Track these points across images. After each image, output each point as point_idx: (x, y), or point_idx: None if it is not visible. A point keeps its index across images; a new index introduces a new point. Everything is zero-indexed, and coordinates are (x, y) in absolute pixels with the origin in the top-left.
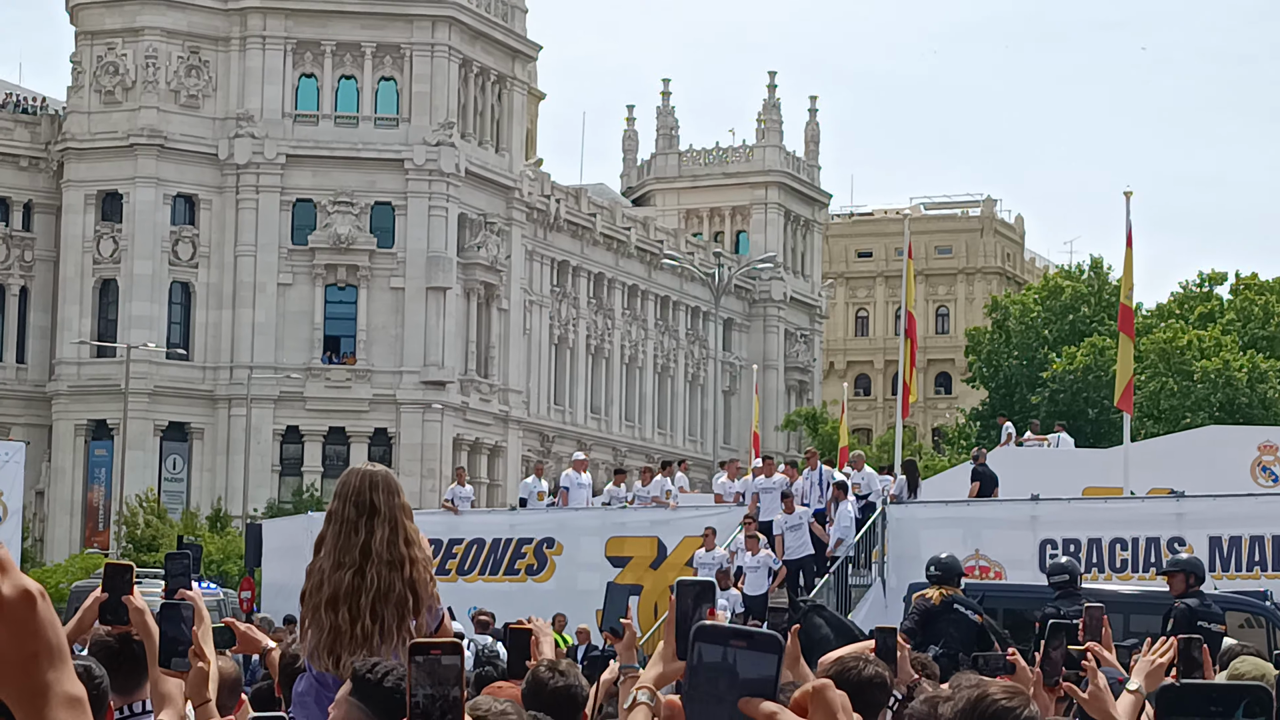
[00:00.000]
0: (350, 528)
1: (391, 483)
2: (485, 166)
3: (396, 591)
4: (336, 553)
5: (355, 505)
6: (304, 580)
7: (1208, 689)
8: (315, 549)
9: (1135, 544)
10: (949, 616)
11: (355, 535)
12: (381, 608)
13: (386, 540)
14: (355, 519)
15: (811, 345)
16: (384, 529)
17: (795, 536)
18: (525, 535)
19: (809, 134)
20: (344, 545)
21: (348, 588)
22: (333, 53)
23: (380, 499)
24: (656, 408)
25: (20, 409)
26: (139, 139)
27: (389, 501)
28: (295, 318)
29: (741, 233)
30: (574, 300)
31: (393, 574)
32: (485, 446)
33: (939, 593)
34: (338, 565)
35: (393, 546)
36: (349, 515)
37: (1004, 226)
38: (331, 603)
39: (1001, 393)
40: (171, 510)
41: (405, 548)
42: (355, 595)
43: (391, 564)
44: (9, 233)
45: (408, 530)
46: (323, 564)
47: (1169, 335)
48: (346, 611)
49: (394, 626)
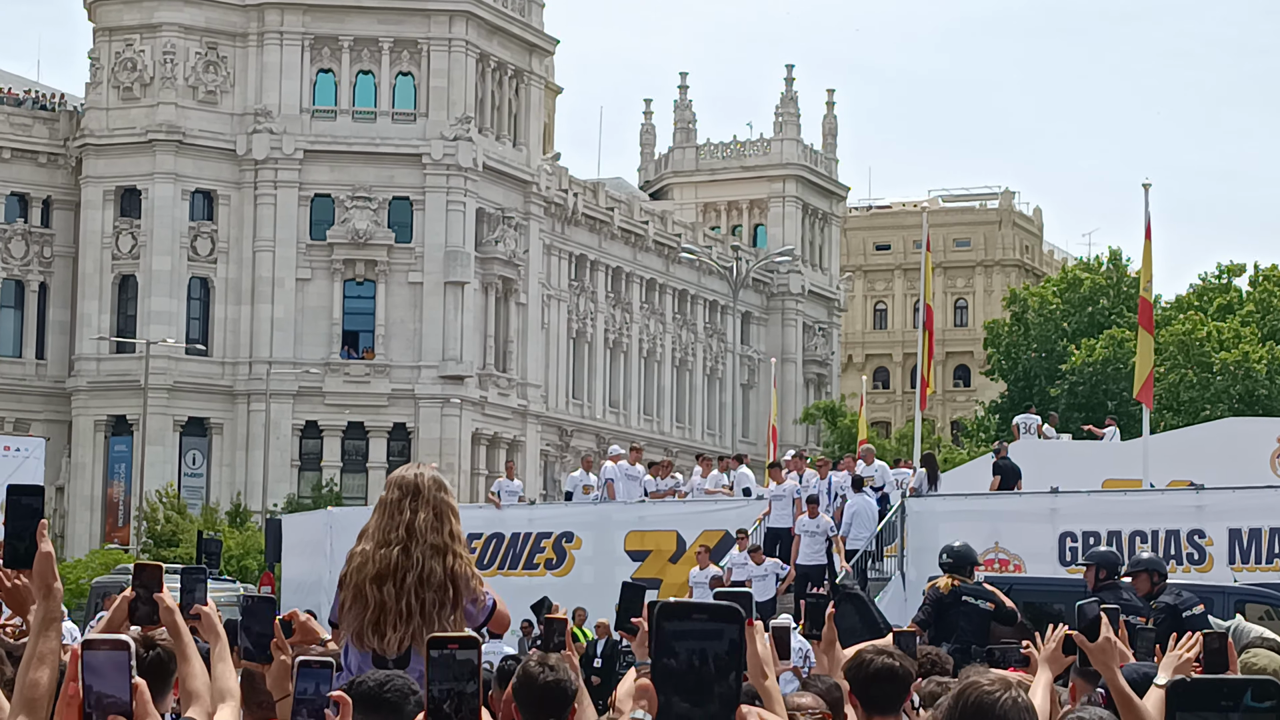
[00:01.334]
0: (394, 508)
1: (440, 480)
2: (503, 161)
3: (438, 577)
4: (381, 531)
5: (399, 488)
6: (344, 564)
7: (1219, 684)
8: (358, 537)
9: (1155, 536)
10: (959, 608)
11: (399, 514)
12: (424, 590)
13: (430, 524)
14: (399, 499)
15: (830, 338)
16: (426, 511)
17: (813, 543)
18: (544, 529)
19: (826, 127)
20: (388, 525)
21: (394, 564)
22: (350, 48)
23: (425, 485)
24: (675, 402)
25: (40, 405)
26: (157, 135)
27: (434, 492)
28: (314, 313)
29: (759, 226)
30: (592, 294)
31: (435, 559)
32: (504, 441)
33: (949, 581)
34: (383, 543)
35: (437, 532)
36: (393, 497)
37: (1022, 219)
38: (378, 579)
39: (1020, 385)
40: (191, 505)
41: (450, 540)
42: (400, 572)
43: (435, 549)
44: (28, 229)
45: (453, 525)
46: (365, 545)
47: (1188, 327)
48: (392, 587)
49: (434, 612)
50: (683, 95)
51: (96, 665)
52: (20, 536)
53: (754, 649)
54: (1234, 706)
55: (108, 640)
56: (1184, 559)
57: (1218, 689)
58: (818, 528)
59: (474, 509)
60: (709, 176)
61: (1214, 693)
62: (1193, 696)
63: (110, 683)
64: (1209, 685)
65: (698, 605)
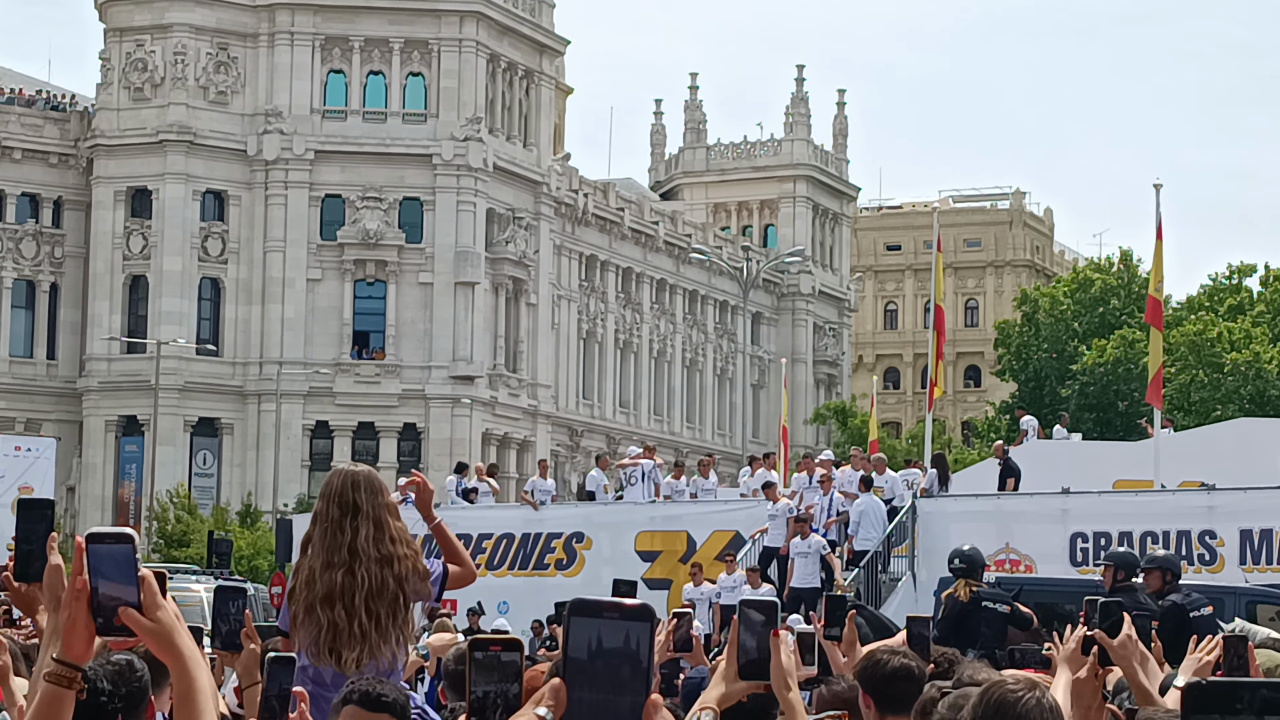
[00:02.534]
0: (335, 527)
1: (374, 482)
2: (513, 161)
3: (390, 589)
4: (325, 552)
5: (338, 505)
6: (292, 576)
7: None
8: (302, 548)
9: (1166, 537)
10: (979, 614)
11: (341, 534)
12: (376, 605)
13: (372, 538)
14: (339, 518)
15: (840, 339)
16: (367, 526)
17: (805, 564)
18: (554, 530)
19: (837, 127)
20: (331, 544)
21: (340, 587)
22: (361, 48)
23: (363, 498)
24: (685, 402)
25: (51, 405)
26: (168, 135)
27: (371, 500)
28: (324, 313)
29: (770, 226)
30: (602, 295)
31: (384, 571)
32: (514, 441)
33: (967, 589)
34: (327, 565)
35: (379, 544)
36: (333, 515)
37: (1033, 219)
38: (327, 600)
39: (1031, 386)
40: (202, 506)
41: (392, 545)
42: (349, 593)
43: (381, 561)
44: (39, 229)
45: (393, 528)
46: (311, 563)
47: (1199, 328)
48: (342, 609)
49: (389, 625)
50: (693, 96)
51: (102, 559)
52: (30, 549)
53: (778, 659)
54: (1250, 709)
55: (112, 534)
56: (1195, 560)
57: (1234, 691)
58: (809, 548)
59: (507, 509)
60: (719, 177)
61: (1230, 695)
62: (1209, 698)
63: (116, 576)
64: (1224, 687)
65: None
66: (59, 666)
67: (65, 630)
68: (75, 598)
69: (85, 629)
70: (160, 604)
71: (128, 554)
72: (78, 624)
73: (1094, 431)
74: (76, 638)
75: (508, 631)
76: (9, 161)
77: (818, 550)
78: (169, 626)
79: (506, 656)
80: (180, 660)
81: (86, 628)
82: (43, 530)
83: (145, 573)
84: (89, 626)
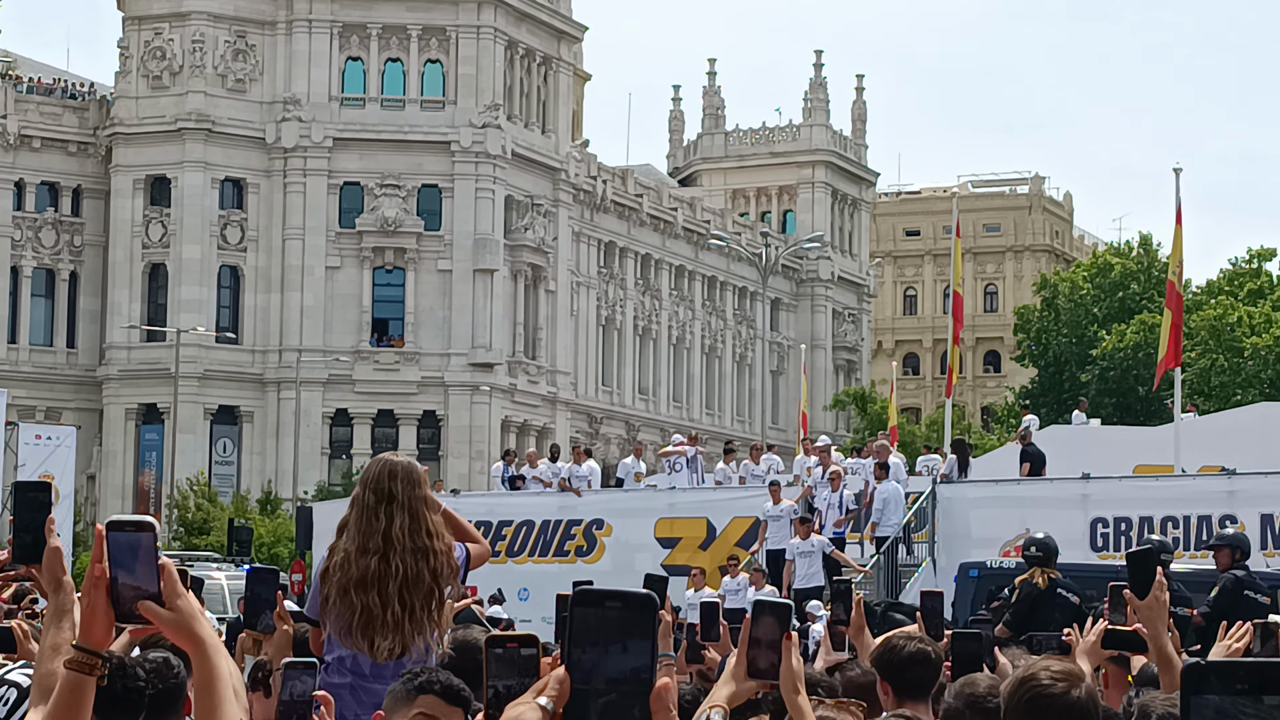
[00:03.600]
0: (370, 513)
1: (413, 474)
2: (531, 148)
3: (425, 581)
4: (360, 537)
5: (374, 492)
6: (326, 557)
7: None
8: (338, 531)
9: (1187, 521)
10: (1054, 601)
11: (375, 521)
12: (410, 596)
13: (407, 529)
14: (374, 505)
15: (859, 324)
16: (402, 516)
17: (807, 564)
18: (575, 517)
19: (856, 112)
20: (366, 530)
21: (375, 573)
22: (379, 36)
23: (399, 488)
24: (704, 388)
25: (71, 393)
26: (187, 123)
27: (408, 491)
28: (343, 301)
29: (788, 212)
30: (621, 281)
31: (420, 563)
32: (533, 428)
33: (1044, 576)
34: (363, 550)
35: (415, 535)
36: (368, 501)
37: (1052, 204)
38: (361, 585)
39: (1051, 371)
40: (222, 493)
41: (428, 539)
42: (382, 581)
43: (416, 553)
44: (58, 218)
45: (430, 522)
46: (347, 546)
47: (1219, 312)
48: (376, 595)
49: (423, 616)
50: (711, 81)
51: (122, 547)
52: (29, 532)
53: (788, 662)
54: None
55: (132, 522)
56: None
57: (1233, 671)
58: (812, 547)
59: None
60: (738, 163)
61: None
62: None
63: (137, 565)
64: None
65: (611, 593)
66: (79, 653)
67: (84, 617)
68: (95, 585)
69: (105, 616)
70: (180, 592)
71: (149, 542)
72: (97, 611)
73: (1114, 416)
74: (96, 625)
75: (503, 619)
76: (28, 150)
77: (820, 549)
78: (189, 615)
79: (526, 651)
80: (201, 648)
81: (106, 615)
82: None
83: (166, 561)
84: (109, 614)
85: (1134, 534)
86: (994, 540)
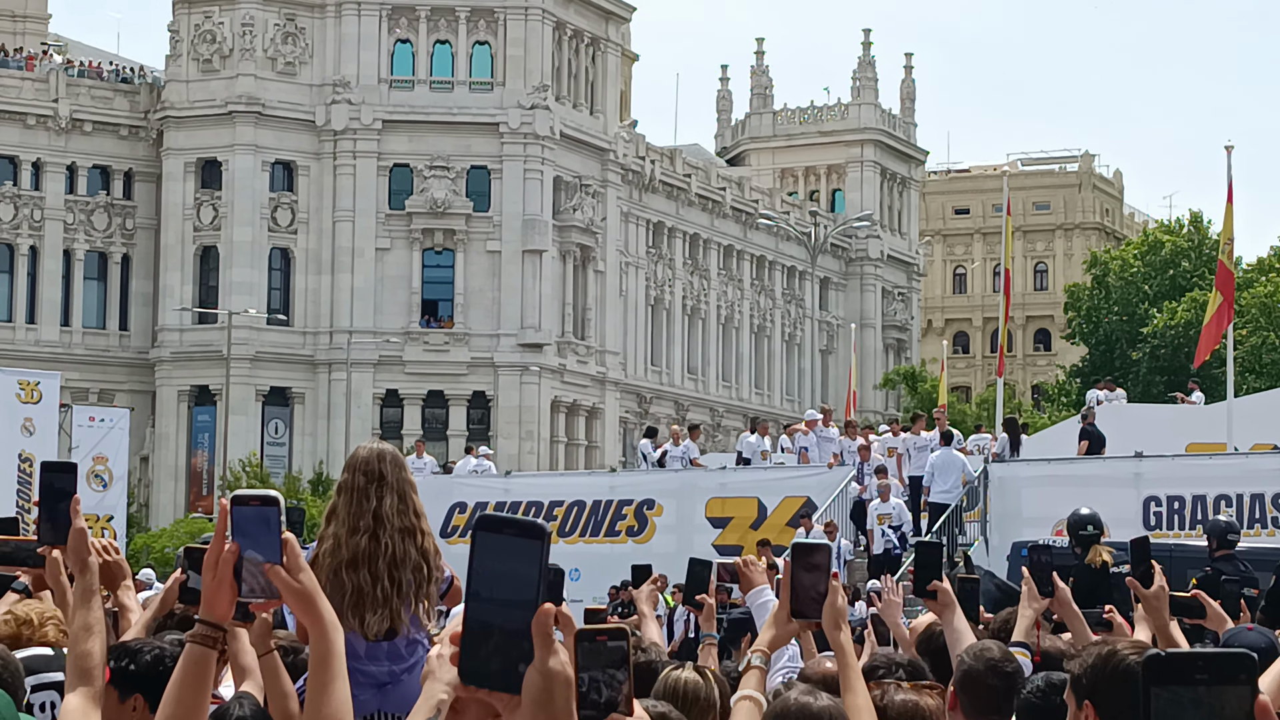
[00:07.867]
0: (361, 495)
1: (399, 458)
2: (580, 129)
3: (412, 558)
4: (351, 519)
5: (364, 474)
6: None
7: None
8: (326, 520)
9: (1240, 500)
10: (1113, 578)
11: (366, 501)
12: (399, 572)
13: (396, 509)
14: (365, 486)
15: (909, 303)
16: (391, 496)
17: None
18: (625, 497)
19: (904, 91)
20: (356, 511)
21: (365, 551)
22: (427, 18)
23: (388, 469)
24: (754, 368)
25: (124, 376)
26: (237, 106)
27: (396, 473)
28: (393, 282)
29: (837, 191)
30: (670, 261)
31: (407, 541)
32: (583, 408)
33: (1108, 553)
34: (353, 531)
35: (403, 515)
36: (359, 483)
37: (1102, 181)
38: (352, 564)
39: (1101, 349)
40: (274, 474)
41: (415, 519)
42: (372, 559)
43: (404, 531)
44: (110, 201)
45: (415, 503)
46: (336, 531)
47: (1269, 289)
48: (368, 573)
49: (411, 592)
50: (759, 61)
51: (249, 521)
52: (54, 513)
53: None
54: (1207, 680)
55: (257, 496)
56: (1269, 523)
57: (1191, 661)
58: (892, 510)
59: (577, 476)
60: (786, 142)
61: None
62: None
63: (261, 538)
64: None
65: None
66: (204, 627)
67: (209, 591)
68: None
69: (230, 591)
70: (303, 566)
71: (274, 516)
72: (223, 586)
73: (1165, 395)
74: (220, 598)
75: None
76: (80, 134)
77: (899, 513)
78: (312, 589)
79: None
80: (320, 623)
81: (231, 589)
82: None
83: (288, 535)
84: (233, 588)
85: (1187, 513)
86: (1046, 519)
